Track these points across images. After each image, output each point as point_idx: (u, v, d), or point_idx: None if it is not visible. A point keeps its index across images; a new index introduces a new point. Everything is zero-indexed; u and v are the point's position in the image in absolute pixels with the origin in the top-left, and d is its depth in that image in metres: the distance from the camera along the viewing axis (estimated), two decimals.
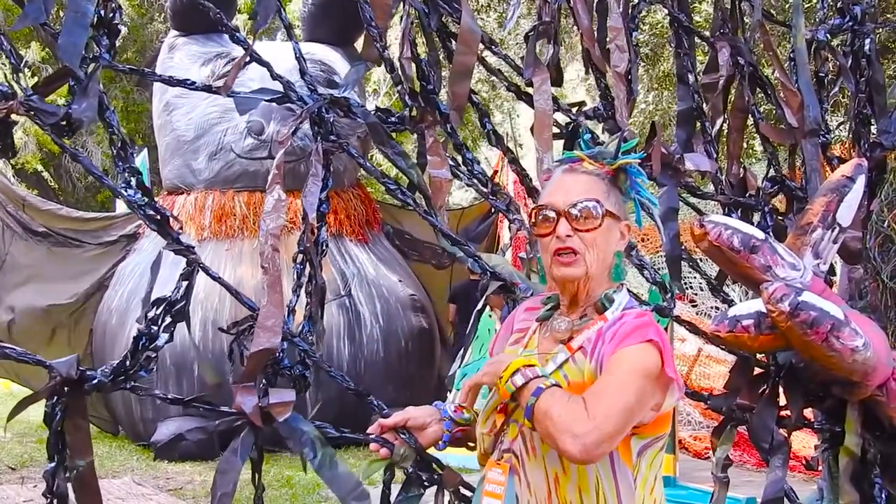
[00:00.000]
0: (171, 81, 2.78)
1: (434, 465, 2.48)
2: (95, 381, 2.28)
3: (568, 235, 2.11)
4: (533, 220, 2.18)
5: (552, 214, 2.13)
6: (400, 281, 10.80)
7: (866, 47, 3.25)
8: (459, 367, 10.99)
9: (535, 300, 2.37)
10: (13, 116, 2.24)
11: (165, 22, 18.36)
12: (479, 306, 3.14)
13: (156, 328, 2.41)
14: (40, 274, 10.30)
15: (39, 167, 20.59)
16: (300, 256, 2.65)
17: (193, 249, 2.50)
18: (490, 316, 10.55)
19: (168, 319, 2.44)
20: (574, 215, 2.11)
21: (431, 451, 2.42)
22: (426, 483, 2.49)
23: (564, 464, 2.03)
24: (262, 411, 2.33)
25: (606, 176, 2.18)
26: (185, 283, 2.48)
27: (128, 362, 2.34)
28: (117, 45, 2.48)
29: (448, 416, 2.35)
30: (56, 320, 10.47)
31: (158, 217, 2.43)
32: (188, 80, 2.77)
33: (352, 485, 2.43)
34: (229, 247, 10.26)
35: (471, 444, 2.38)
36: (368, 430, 2.41)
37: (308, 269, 2.67)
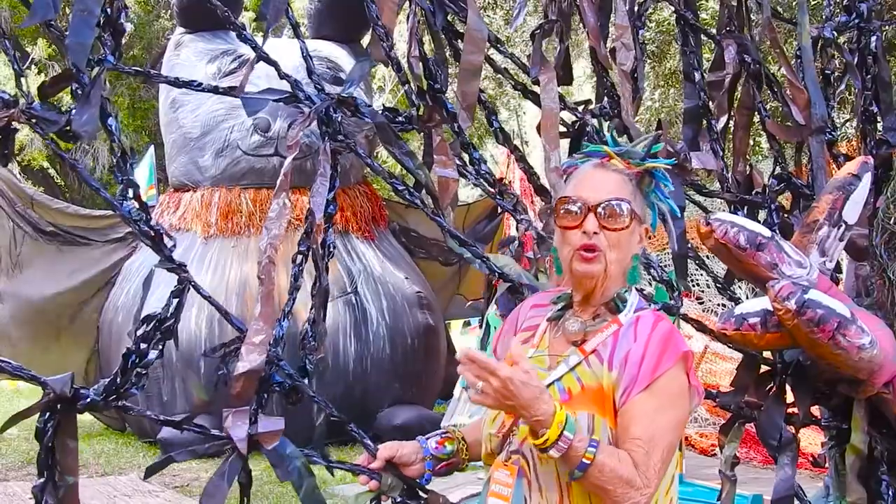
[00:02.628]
0: (177, 83, 2.77)
1: (419, 491, 2.44)
2: (88, 399, 2.25)
3: (595, 232, 2.08)
4: (558, 210, 2.14)
5: (580, 208, 2.10)
6: (406, 278, 10.80)
7: (873, 45, 3.24)
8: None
9: (543, 296, 2.33)
10: (14, 124, 2.23)
11: (172, 19, 18.36)
12: (489, 310, 3.14)
13: (146, 345, 2.38)
14: (52, 273, 10.35)
15: (45, 164, 20.62)
16: (299, 257, 2.61)
17: (185, 267, 2.48)
18: (496, 314, 10.52)
19: (158, 336, 2.40)
20: (603, 213, 2.09)
21: None
22: None
23: None
24: (251, 439, 2.31)
25: (634, 177, 2.16)
26: (175, 301, 2.45)
27: (119, 380, 2.31)
28: (123, 42, 2.47)
29: (430, 455, 2.33)
30: (67, 318, 10.51)
31: (153, 233, 2.41)
32: (194, 81, 2.75)
33: None
34: (235, 244, 10.27)
35: (461, 468, 2.38)
36: (357, 462, 2.39)
37: (311, 269, 2.64)
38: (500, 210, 3.51)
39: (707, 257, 3.92)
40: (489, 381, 1.93)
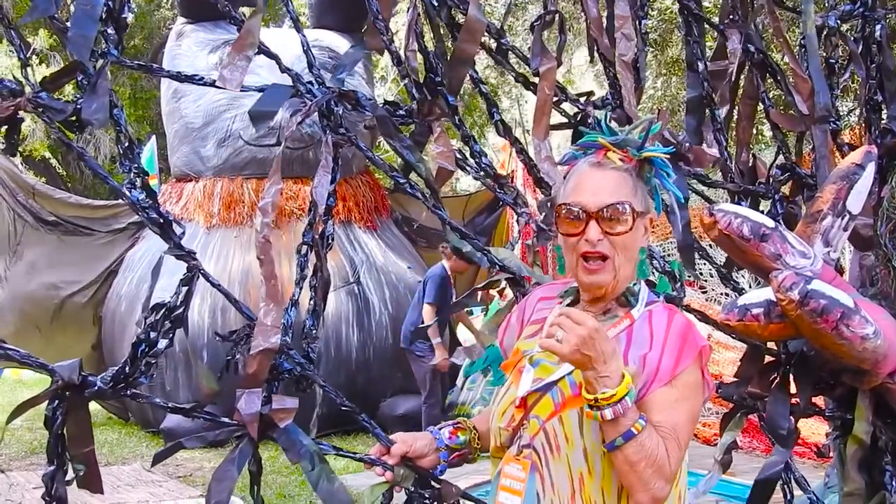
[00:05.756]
0: (179, 77, 2.75)
1: (432, 481, 2.43)
2: (95, 388, 2.24)
3: (599, 240, 2.05)
4: (559, 215, 2.11)
5: (581, 214, 2.06)
6: (409, 267, 10.81)
7: (877, 33, 3.22)
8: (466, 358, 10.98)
9: (550, 289, 2.32)
10: (20, 113, 2.22)
11: (173, 9, 18.34)
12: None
13: (155, 334, 2.35)
14: (52, 263, 10.37)
15: (47, 154, 20.60)
16: (304, 248, 2.61)
17: (195, 255, 2.46)
18: (500, 304, 10.52)
19: (167, 325, 2.38)
20: (605, 218, 2.05)
21: None
22: (428, 500, 2.44)
23: (590, 463, 2.00)
24: (263, 419, 2.29)
25: (633, 169, 2.11)
26: (184, 289, 2.42)
27: (128, 368, 2.30)
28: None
29: (444, 445, 2.33)
30: (68, 308, 10.52)
31: (161, 221, 2.38)
32: (196, 75, 2.75)
33: (346, 501, 2.39)
34: (238, 234, 10.28)
35: (472, 458, 2.38)
36: (369, 452, 2.37)
37: (313, 261, 2.63)
38: (500, 202, 3.47)
39: (710, 246, 3.91)
40: (575, 329, 1.90)
